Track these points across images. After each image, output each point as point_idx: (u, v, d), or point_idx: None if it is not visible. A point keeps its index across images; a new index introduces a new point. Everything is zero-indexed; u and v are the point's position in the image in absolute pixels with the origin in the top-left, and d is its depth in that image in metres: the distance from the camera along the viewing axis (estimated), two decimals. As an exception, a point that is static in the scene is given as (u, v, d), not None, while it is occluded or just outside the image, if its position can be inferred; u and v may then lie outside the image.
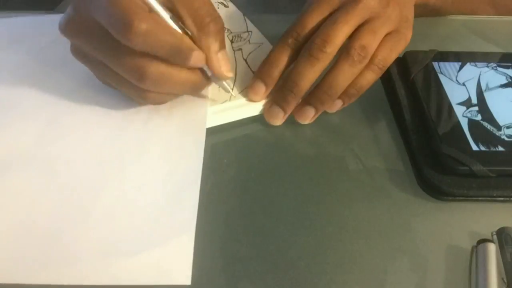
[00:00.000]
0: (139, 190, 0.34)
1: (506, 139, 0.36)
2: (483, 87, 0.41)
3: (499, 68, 0.43)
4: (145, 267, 0.30)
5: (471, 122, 0.38)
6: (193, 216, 0.32)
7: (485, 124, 0.38)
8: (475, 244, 0.31)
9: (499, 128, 0.37)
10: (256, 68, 0.40)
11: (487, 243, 0.31)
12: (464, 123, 0.38)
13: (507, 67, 0.44)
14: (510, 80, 0.42)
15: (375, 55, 0.37)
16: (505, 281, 0.29)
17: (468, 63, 0.44)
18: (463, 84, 0.41)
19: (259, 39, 0.46)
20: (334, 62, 0.37)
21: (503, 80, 0.42)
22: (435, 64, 0.43)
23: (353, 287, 0.30)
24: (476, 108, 0.39)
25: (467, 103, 0.40)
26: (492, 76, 0.43)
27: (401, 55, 0.44)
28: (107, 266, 0.30)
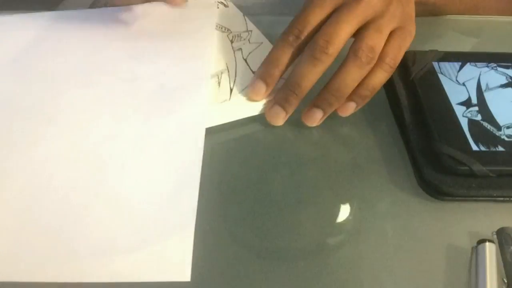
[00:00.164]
0: (138, 188, 0.34)
1: (506, 139, 0.36)
2: (483, 87, 0.41)
3: (499, 68, 0.43)
4: (145, 264, 0.30)
5: (471, 122, 0.38)
6: (193, 213, 0.32)
7: (485, 124, 0.38)
8: (475, 244, 0.31)
9: (499, 128, 0.37)
10: (256, 68, 0.40)
11: (487, 243, 0.31)
12: (464, 123, 0.38)
13: (507, 67, 0.44)
14: (510, 80, 0.42)
15: (385, 54, 0.37)
16: (505, 281, 0.29)
17: (468, 63, 0.44)
18: (463, 84, 0.41)
19: (259, 39, 0.46)
20: (342, 64, 0.37)
21: (503, 80, 0.42)
22: (435, 64, 0.43)
23: (353, 287, 0.30)
24: (476, 108, 0.39)
25: (467, 103, 0.40)
26: (492, 76, 0.43)
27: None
28: (106, 264, 0.30)
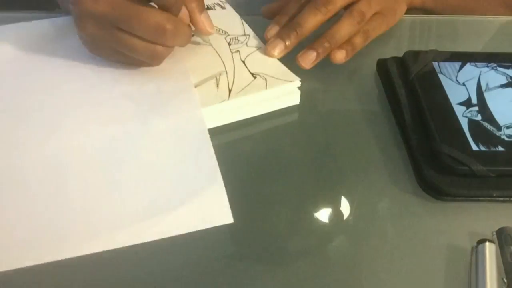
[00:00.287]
0: (158, 157, 0.36)
1: (506, 139, 0.36)
2: (483, 87, 0.41)
3: (499, 68, 0.43)
4: (188, 217, 0.32)
5: (471, 122, 0.38)
6: (216, 167, 0.34)
7: (485, 124, 0.38)
8: (475, 244, 0.31)
9: (499, 128, 0.37)
10: (255, 70, 0.42)
11: (487, 243, 0.31)
12: (464, 123, 0.38)
13: (507, 67, 0.44)
14: (510, 80, 0.42)
15: (368, 24, 0.46)
16: (505, 281, 0.29)
17: (468, 63, 0.44)
18: (463, 84, 0.41)
19: (256, 44, 0.46)
20: (338, 20, 0.44)
21: (503, 80, 0.42)
22: (435, 64, 0.43)
23: (353, 287, 0.30)
24: (476, 108, 0.39)
25: (467, 103, 0.40)
26: (492, 76, 0.43)
27: (401, 55, 0.44)
28: (154, 224, 0.31)
